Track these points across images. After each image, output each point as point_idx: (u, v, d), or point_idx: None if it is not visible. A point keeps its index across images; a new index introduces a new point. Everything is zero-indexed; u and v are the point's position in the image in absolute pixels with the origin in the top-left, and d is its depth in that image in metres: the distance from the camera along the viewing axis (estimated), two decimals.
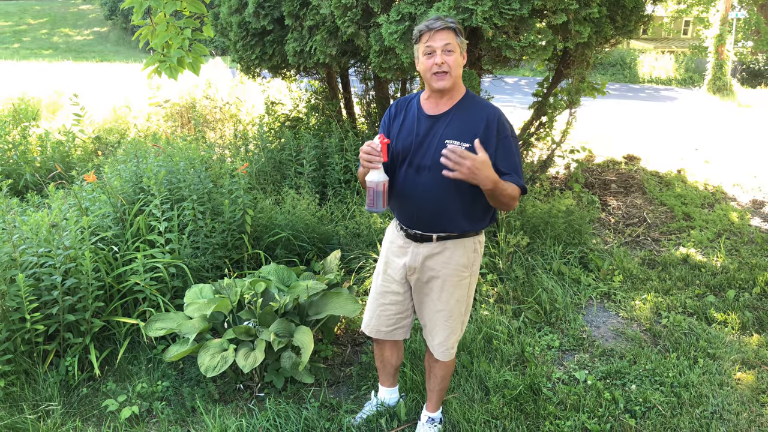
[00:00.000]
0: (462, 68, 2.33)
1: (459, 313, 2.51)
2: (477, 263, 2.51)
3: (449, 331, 2.52)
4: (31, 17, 33.83)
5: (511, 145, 2.30)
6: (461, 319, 2.54)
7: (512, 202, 2.28)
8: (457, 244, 2.42)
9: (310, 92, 6.79)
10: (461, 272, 2.45)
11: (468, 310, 2.57)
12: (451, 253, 2.43)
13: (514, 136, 2.35)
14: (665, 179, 6.91)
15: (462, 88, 2.39)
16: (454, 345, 2.57)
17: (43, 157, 5.93)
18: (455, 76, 2.30)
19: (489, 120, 2.29)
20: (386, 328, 2.64)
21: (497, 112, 2.34)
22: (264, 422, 2.83)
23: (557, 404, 2.98)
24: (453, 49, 2.25)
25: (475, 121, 2.30)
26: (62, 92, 10.34)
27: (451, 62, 2.25)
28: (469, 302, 2.56)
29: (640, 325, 3.78)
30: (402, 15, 4.02)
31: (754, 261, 4.62)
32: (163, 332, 3.14)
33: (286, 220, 4.34)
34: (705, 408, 2.95)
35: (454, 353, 2.59)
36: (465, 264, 2.45)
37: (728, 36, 16.04)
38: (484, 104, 2.37)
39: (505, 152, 2.29)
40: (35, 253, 3.19)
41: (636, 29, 5.07)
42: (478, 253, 2.50)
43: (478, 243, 2.50)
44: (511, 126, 2.36)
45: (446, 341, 2.53)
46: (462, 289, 2.48)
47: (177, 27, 3.34)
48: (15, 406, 2.95)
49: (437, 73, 2.27)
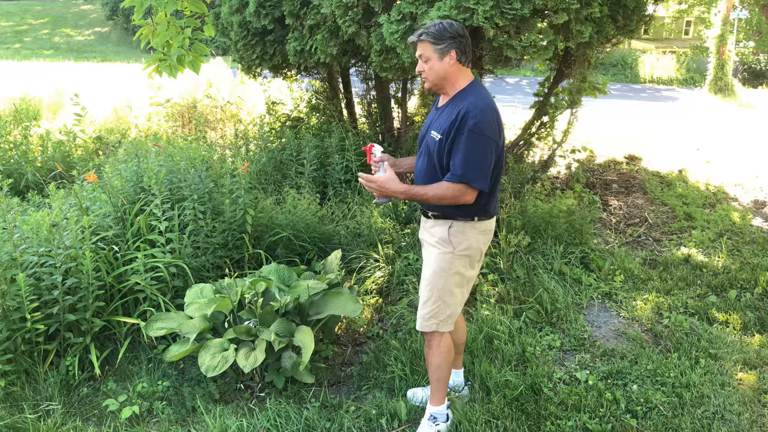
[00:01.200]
0: (447, 70, 2.51)
1: (435, 286, 2.60)
2: (464, 245, 2.58)
3: (425, 299, 2.64)
4: (32, 17, 33.85)
5: (464, 140, 2.41)
6: (439, 294, 2.60)
7: (442, 201, 2.48)
8: (445, 222, 2.60)
9: (310, 92, 6.78)
10: (442, 245, 2.59)
11: (449, 289, 2.61)
12: (439, 228, 2.62)
13: (479, 132, 2.41)
14: (666, 179, 6.90)
15: (461, 84, 2.55)
16: (431, 317, 2.64)
17: (44, 156, 5.93)
18: (435, 79, 2.54)
19: (459, 113, 2.44)
20: None
21: (471, 107, 2.43)
22: (264, 422, 2.83)
23: (558, 404, 2.97)
24: (428, 58, 2.51)
25: (453, 113, 2.48)
26: (63, 92, 10.34)
27: (427, 69, 2.53)
28: (451, 281, 2.61)
29: (642, 325, 3.78)
30: (403, 15, 4.01)
31: (755, 261, 4.61)
32: (164, 332, 3.14)
33: (286, 219, 4.33)
34: (706, 408, 2.94)
35: (432, 327, 2.64)
36: (445, 239, 2.58)
37: (730, 36, 16.02)
38: (468, 99, 2.48)
39: (456, 147, 2.43)
40: (36, 253, 3.19)
41: (637, 29, 5.06)
42: (467, 237, 2.58)
43: (471, 228, 2.58)
44: (479, 123, 2.41)
45: (421, 309, 2.66)
46: (441, 263, 2.59)
47: (178, 27, 3.34)
48: (15, 406, 2.94)
49: (421, 78, 2.60)
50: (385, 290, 4.10)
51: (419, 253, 4.24)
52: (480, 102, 2.45)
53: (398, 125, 6.34)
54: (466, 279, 2.67)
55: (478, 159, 2.42)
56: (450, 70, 2.52)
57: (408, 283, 4.02)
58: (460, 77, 2.55)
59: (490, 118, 2.45)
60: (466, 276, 2.66)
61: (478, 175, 2.43)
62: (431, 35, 2.49)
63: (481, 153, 2.43)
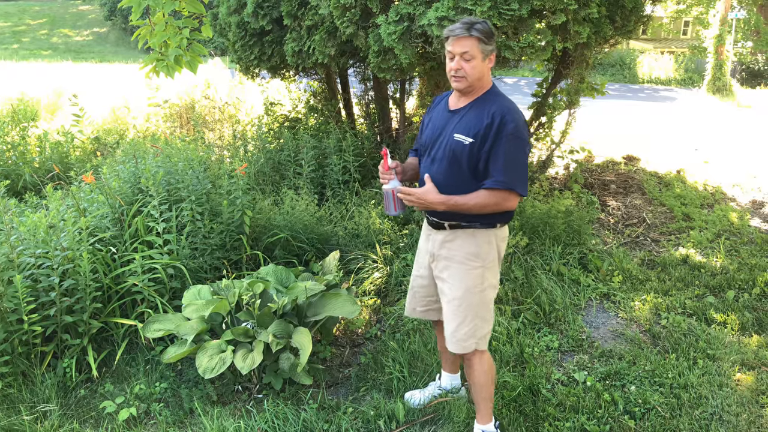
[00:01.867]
0: (485, 71, 2.39)
1: (470, 304, 2.48)
2: (492, 256, 2.50)
3: (459, 320, 2.50)
4: (30, 18, 33.81)
5: (505, 145, 2.31)
6: (475, 311, 2.49)
7: (484, 209, 2.36)
8: (467, 234, 2.47)
9: (309, 93, 6.78)
10: (471, 260, 2.47)
11: (486, 304, 2.52)
12: (462, 241, 2.48)
13: (518, 137, 2.33)
14: (665, 180, 6.91)
15: (484, 87, 2.44)
16: (469, 337, 2.50)
17: (42, 157, 5.92)
18: (472, 80, 2.37)
19: (494, 116, 2.33)
20: (421, 308, 2.77)
21: (505, 110, 2.34)
22: (262, 424, 2.82)
23: (556, 405, 2.97)
24: (472, 57, 2.33)
25: (483, 116, 2.36)
26: (61, 93, 10.33)
27: (468, 69, 2.35)
28: (486, 296, 2.51)
29: (640, 326, 3.78)
30: (401, 15, 4.01)
31: (753, 261, 4.61)
32: (162, 333, 3.13)
33: (284, 220, 4.33)
34: (704, 409, 2.94)
35: (471, 347, 2.52)
36: (475, 253, 2.46)
37: (728, 36, 16.03)
38: (497, 101, 2.39)
39: (497, 152, 2.32)
40: (33, 254, 3.18)
41: (635, 29, 5.07)
42: (493, 246, 2.49)
43: (494, 236, 2.49)
44: (517, 127, 2.33)
45: (457, 331, 2.51)
46: (473, 279, 2.47)
47: (175, 27, 3.33)
48: (12, 408, 2.94)
49: (454, 76, 2.39)
50: (384, 291, 4.10)
51: None
52: (511, 105, 2.39)
53: (396, 126, 6.33)
54: (497, 288, 2.60)
55: (519, 163, 2.35)
56: (486, 73, 2.42)
57: (406, 284, 4.01)
58: (487, 80, 2.46)
59: (522, 119, 2.39)
60: (497, 286, 2.58)
61: (520, 179, 2.35)
62: (483, 33, 2.32)
63: (522, 157, 2.36)
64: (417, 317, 2.86)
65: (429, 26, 3.80)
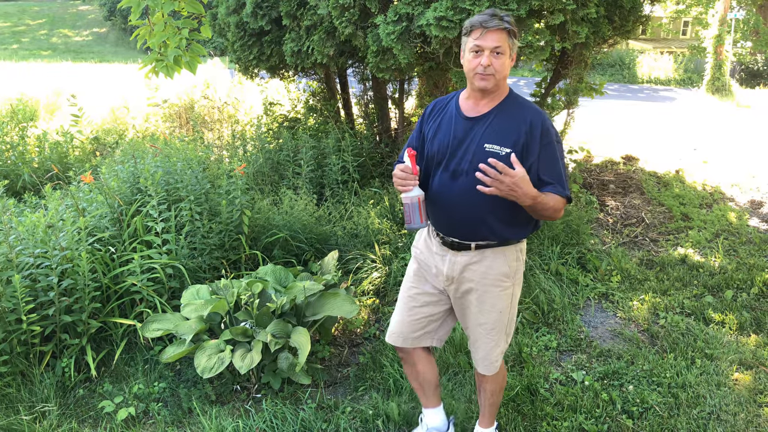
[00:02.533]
0: (509, 70, 2.20)
1: (502, 324, 2.37)
2: (520, 271, 2.37)
3: (492, 344, 2.38)
4: (29, 18, 33.81)
5: (555, 152, 2.17)
6: (505, 330, 2.39)
7: (556, 214, 2.16)
8: (497, 253, 2.27)
9: (308, 93, 6.78)
10: (502, 282, 2.30)
11: (512, 320, 2.41)
12: (490, 262, 2.28)
13: (559, 141, 2.22)
14: (664, 179, 6.91)
15: (505, 89, 2.24)
16: (499, 358, 2.43)
17: (41, 157, 5.92)
18: (500, 78, 2.15)
19: (533, 124, 2.14)
20: (414, 333, 2.46)
21: (542, 115, 2.18)
22: (261, 423, 2.83)
23: (555, 405, 2.97)
24: (503, 52, 2.11)
25: (517, 124, 2.15)
26: (61, 93, 10.33)
27: (498, 66, 2.12)
28: (513, 312, 2.41)
29: (638, 326, 3.78)
30: (399, 15, 4.02)
31: (752, 261, 4.62)
32: (160, 333, 3.13)
33: (283, 220, 4.33)
34: (702, 408, 2.94)
35: (499, 365, 2.45)
36: (506, 273, 2.30)
37: (727, 36, 16.04)
38: (527, 106, 2.22)
39: (549, 159, 2.15)
40: (32, 254, 3.18)
41: (634, 29, 5.07)
42: (520, 261, 2.36)
43: (520, 251, 2.35)
44: (555, 131, 2.21)
45: (489, 355, 2.40)
46: (504, 300, 2.33)
47: (175, 27, 3.34)
48: (11, 407, 2.94)
49: (481, 74, 2.13)
50: (382, 291, 4.10)
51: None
52: (540, 109, 2.23)
53: (395, 126, 6.34)
54: None
55: (565, 170, 2.22)
56: (508, 72, 2.21)
57: None
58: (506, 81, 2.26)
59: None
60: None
61: (567, 184, 2.21)
62: (514, 26, 2.12)
63: (564, 163, 2.23)
64: (407, 346, 2.49)
65: (427, 26, 3.81)
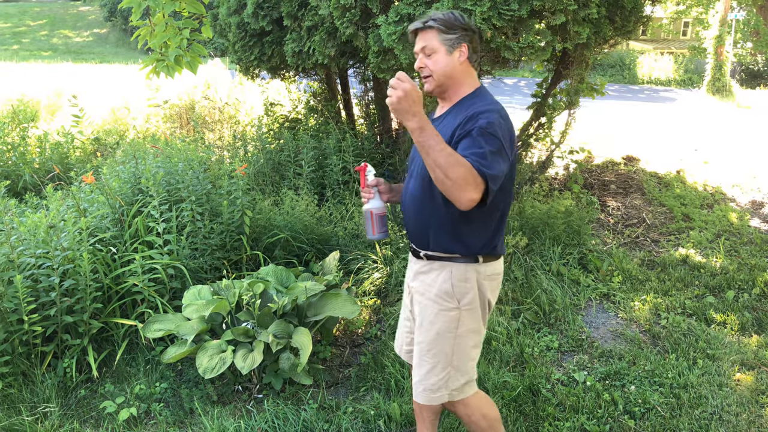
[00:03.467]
0: (455, 66, 2.06)
1: (442, 350, 2.11)
2: (470, 297, 2.10)
3: (429, 368, 2.14)
4: (30, 19, 33.83)
5: (476, 137, 1.92)
6: (448, 359, 2.11)
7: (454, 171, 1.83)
8: (443, 267, 2.10)
9: (308, 93, 6.78)
10: (443, 301, 2.09)
11: (462, 352, 2.13)
12: (435, 276, 2.12)
13: (492, 133, 1.93)
14: (664, 180, 6.91)
15: (468, 88, 2.11)
16: (440, 388, 2.13)
17: (42, 158, 5.92)
18: (440, 77, 2.07)
19: (467, 116, 1.98)
20: (406, 347, 2.38)
21: (479, 109, 1.98)
22: (262, 424, 2.83)
23: (556, 405, 2.97)
24: (435, 50, 2.05)
25: (457, 119, 2.03)
26: (61, 93, 10.33)
27: (431, 64, 2.06)
28: (462, 344, 2.12)
29: (640, 326, 3.78)
30: (401, 16, 4.02)
31: (753, 262, 4.62)
32: (162, 333, 3.13)
33: (284, 221, 4.33)
34: (704, 409, 2.94)
35: (443, 398, 2.15)
36: (448, 292, 2.09)
37: (727, 37, 16.05)
38: (475, 104, 2.03)
39: (469, 141, 1.93)
40: (33, 255, 3.18)
41: (635, 30, 5.07)
42: (472, 285, 2.09)
43: (475, 272, 2.09)
44: (490, 123, 1.94)
45: (424, 379, 2.15)
46: (445, 323, 2.10)
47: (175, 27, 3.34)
48: (13, 408, 2.94)
49: (422, 77, 2.12)
50: (384, 291, 4.10)
51: None
52: (492, 107, 2.00)
53: (396, 126, 6.34)
54: (481, 335, 2.19)
55: (493, 155, 1.91)
56: (458, 69, 2.07)
57: None
58: (467, 80, 2.11)
59: (505, 125, 1.99)
60: (480, 331, 2.17)
61: (493, 170, 1.89)
62: (440, 22, 2.05)
63: (496, 152, 1.92)
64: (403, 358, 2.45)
65: None
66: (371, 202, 2.26)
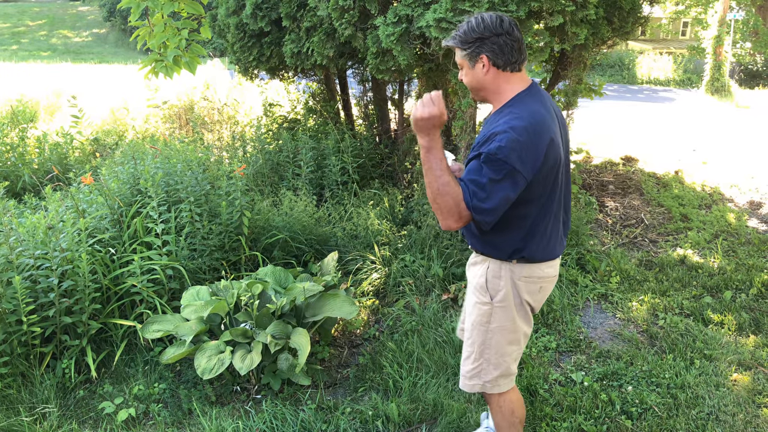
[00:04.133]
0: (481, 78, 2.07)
1: (476, 341, 2.21)
2: (503, 295, 2.15)
3: (465, 355, 2.28)
4: (29, 19, 33.82)
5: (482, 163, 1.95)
6: (480, 351, 2.21)
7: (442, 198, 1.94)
8: (484, 261, 2.20)
9: (307, 94, 6.79)
10: (479, 294, 2.19)
11: (494, 347, 2.19)
12: (476, 269, 2.24)
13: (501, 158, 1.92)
14: (663, 180, 6.92)
15: (509, 94, 2.08)
16: (473, 376, 2.24)
17: (41, 158, 5.93)
18: (472, 89, 2.13)
19: (487, 133, 1.99)
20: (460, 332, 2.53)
21: (499, 128, 1.96)
22: (261, 424, 2.83)
23: (554, 406, 2.98)
24: (462, 65, 2.11)
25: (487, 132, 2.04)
26: (60, 94, 10.34)
27: (463, 78, 2.13)
28: (495, 340, 2.18)
29: (637, 327, 3.79)
30: (399, 17, 4.02)
31: (750, 262, 4.63)
32: (160, 334, 3.14)
33: (283, 221, 4.34)
34: (701, 409, 2.95)
35: (475, 388, 2.26)
36: (482, 287, 2.17)
37: (726, 37, 16.06)
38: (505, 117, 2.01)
39: (475, 165, 1.98)
40: (32, 255, 3.19)
41: (633, 30, 5.08)
42: (505, 282, 2.14)
43: (509, 271, 2.14)
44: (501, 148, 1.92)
45: (462, 365, 2.29)
46: (478, 315, 2.19)
47: (174, 28, 3.35)
48: (11, 409, 2.94)
49: None
50: (382, 292, 4.11)
51: (416, 254, 4.25)
52: (513, 123, 1.95)
53: (395, 127, 6.35)
54: (521, 334, 2.22)
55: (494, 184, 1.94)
56: (486, 80, 2.06)
57: (404, 284, 4.02)
58: (502, 87, 2.07)
59: (522, 144, 1.93)
60: (514, 330, 2.19)
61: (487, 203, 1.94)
62: (458, 38, 2.05)
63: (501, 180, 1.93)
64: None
65: (427, 28, 3.81)
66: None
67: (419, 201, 4.73)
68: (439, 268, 4.04)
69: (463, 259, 4.17)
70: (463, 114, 4.24)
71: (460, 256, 4.18)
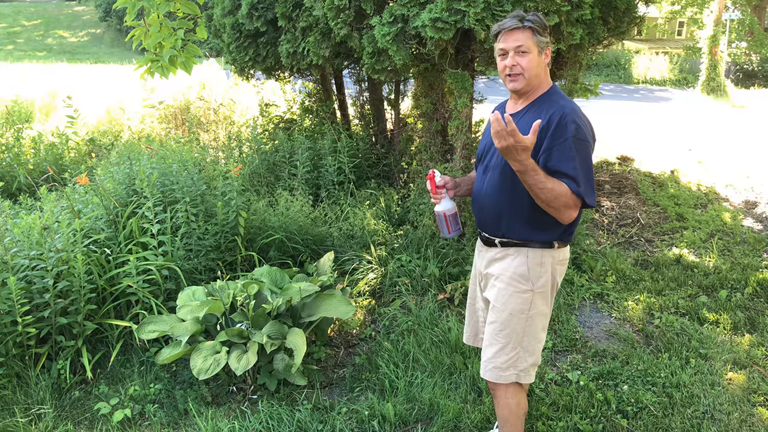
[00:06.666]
0: (542, 67, 2.18)
1: (514, 331, 2.25)
2: (544, 280, 2.24)
3: (498, 347, 2.27)
4: (25, 19, 33.72)
5: (569, 149, 2.06)
6: (518, 340, 2.25)
7: (556, 201, 2.04)
8: (519, 252, 2.24)
9: (303, 94, 6.79)
10: (519, 283, 2.23)
11: (532, 333, 2.27)
12: (511, 261, 2.26)
13: (582, 139, 2.09)
14: (659, 180, 6.94)
15: (544, 86, 2.22)
16: (509, 366, 2.27)
17: (36, 159, 5.91)
18: (530, 77, 2.16)
19: (551, 119, 2.09)
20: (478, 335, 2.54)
21: (564, 111, 2.10)
22: (257, 424, 2.83)
23: (550, 405, 2.98)
24: (528, 50, 2.12)
25: (542, 119, 2.11)
26: (56, 94, 10.31)
27: (525, 64, 2.13)
28: (533, 326, 2.26)
29: (633, 326, 3.79)
30: (395, 17, 4.02)
31: (746, 261, 4.64)
32: (156, 335, 3.13)
33: (279, 222, 4.33)
34: (696, 408, 2.96)
35: (511, 378, 2.28)
36: (524, 275, 2.23)
37: (722, 37, 16.12)
38: (555, 102, 2.15)
39: (561, 154, 2.07)
40: (27, 256, 3.18)
41: (629, 30, 5.08)
42: (546, 269, 2.24)
43: (550, 257, 2.24)
44: (580, 130, 2.09)
45: (494, 358, 2.29)
46: (518, 303, 2.24)
47: (170, 28, 3.34)
48: (6, 410, 2.94)
49: (509, 75, 2.18)
50: (378, 292, 4.11)
51: (412, 254, 4.25)
52: (574, 106, 2.14)
53: (391, 127, 6.35)
54: (548, 318, 2.33)
55: (588, 170, 2.08)
56: (543, 69, 2.19)
57: (400, 284, 4.03)
58: (545, 79, 2.23)
59: (588, 124, 2.16)
60: (547, 314, 2.31)
61: (590, 188, 2.08)
62: (537, 23, 2.11)
63: (590, 163, 2.10)
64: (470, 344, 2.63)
65: (423, 27, 3.81)
66: (442, 204, 2.38)
67: (415, 201, 4.73)
68: (436, 268, 4.04)
69: (459, 258, 4.17)
70: (459, 114, 4.24)
71: (456, 256, 4.18)
